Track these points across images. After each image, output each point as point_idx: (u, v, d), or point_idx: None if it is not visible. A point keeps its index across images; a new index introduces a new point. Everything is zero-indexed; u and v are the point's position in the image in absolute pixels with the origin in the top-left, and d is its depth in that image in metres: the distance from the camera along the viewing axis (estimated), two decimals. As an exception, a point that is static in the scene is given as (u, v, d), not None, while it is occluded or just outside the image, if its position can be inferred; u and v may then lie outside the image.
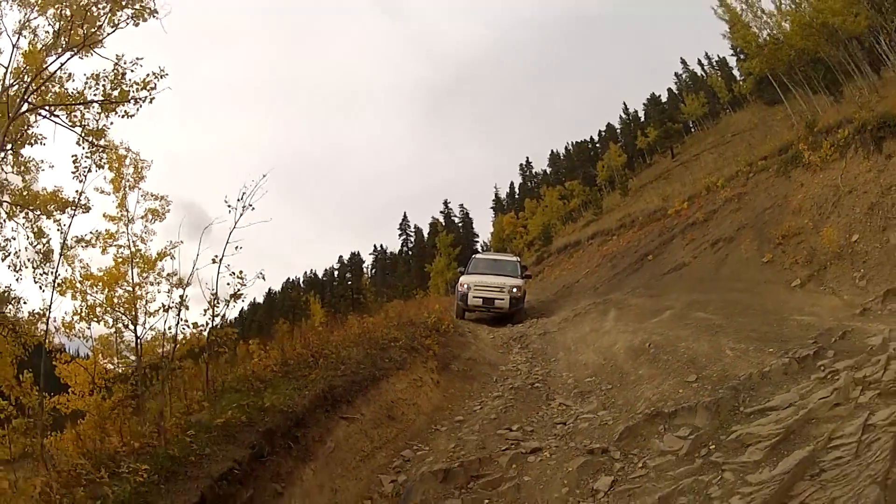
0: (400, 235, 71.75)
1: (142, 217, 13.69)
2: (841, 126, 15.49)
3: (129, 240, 13.55)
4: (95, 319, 12.51)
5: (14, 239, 10.03)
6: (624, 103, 67.88)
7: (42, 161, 10.12)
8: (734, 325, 9.54)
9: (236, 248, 6.70)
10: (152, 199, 13.70)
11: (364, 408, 7.12)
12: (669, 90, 60.87)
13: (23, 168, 9.98)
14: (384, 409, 7.50)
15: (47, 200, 10.12)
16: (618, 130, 63.23)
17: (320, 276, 78.43)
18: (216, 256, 6.68)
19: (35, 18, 8.46)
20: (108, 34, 7.71)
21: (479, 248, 61.92)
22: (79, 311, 12.14)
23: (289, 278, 79.67)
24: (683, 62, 60.84)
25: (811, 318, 8.88)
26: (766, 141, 24.84)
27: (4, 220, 9.86)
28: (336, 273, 76.81)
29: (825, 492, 4.32)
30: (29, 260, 10.20)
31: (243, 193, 6.90)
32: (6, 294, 10.72)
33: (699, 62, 58.66)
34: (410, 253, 69.49)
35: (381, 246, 76.75)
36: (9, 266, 9.90)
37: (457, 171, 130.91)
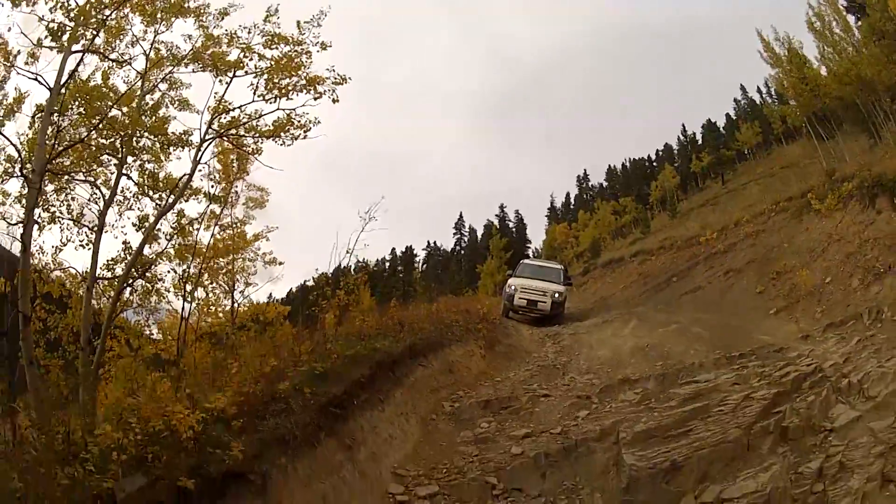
0: (454, 234, 74.48)
1: (243, 203, 17.08)
2: (853, 178, 17.98)
3: (231, 221, 16.95)
4: (200, 285, 15.71)
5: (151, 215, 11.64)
6: (683, 125, 68.95)
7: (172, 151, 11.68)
8: (713, 337, 12.51)
9: (365, 245, 10.16)
10: (255, 190, 17.12)
11: (434, 362, 10.57)
12: (728, 115, 62.19)
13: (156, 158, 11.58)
14: (446, 365, 10.95)
15: (171, 184, 11.70)
16: (675, 151, 65.10)
17: (372, 265, 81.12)
18: (349, 249, 10.19)
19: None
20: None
21: (531, 255, 64.32)
22: (185, 276, 15.23)
23: (339, 264, 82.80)
24: (743, 88, 61.94)
25: (768, 338, 11.78)
26: (798, 181, 27.13)
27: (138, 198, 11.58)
28: (388, 264, 79.93)
29: (706, 426, 7.47)
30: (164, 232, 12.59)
31: (368, 209, 10.36)
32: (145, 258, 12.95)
33: (758, 89, 58.89)
34: (463, 252, 72.34)
35: (435, 242, 79.46)
36: (144, 236, 11.54)
37: (515, 175, 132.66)
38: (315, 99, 9.80)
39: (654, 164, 66.10)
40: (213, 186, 14.66)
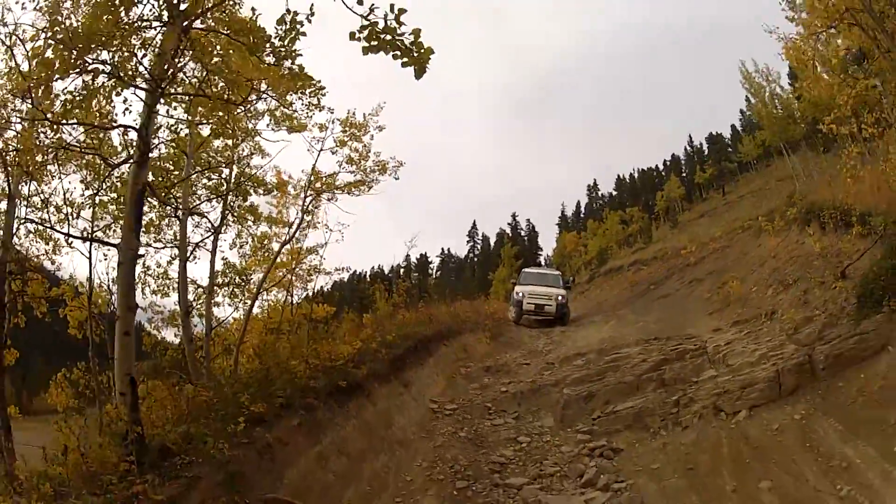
0: (468, 242, 80.00)
1: (297, 225, 22.64)
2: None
3: (288, 238, 22.52)
4: (266, 291, 21.27)
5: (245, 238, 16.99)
6: (689, 136, 73.32)
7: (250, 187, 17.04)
8: (658, 330, 18.26)
9: (417, 259, 16.02)
10: (308, 215, 22.81)
11: (453, 343, 16.61)
12: (732, 126, 66.82)
13: (242, 193, 16.61)
14: (461, 346, 17.01)
15: (257, 215, 17.02)
16: (682, 162, 70.24)
17: (386, 272, 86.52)
18: (398, 264, 16.13)
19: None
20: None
21: (542, 262, 69.18)
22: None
23: (355, 271, 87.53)
24: (748, 99, 65.41)
25: (692, 330, 17.29)
26: (774, 200, 31.97)
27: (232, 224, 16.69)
28: (402, 271, 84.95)
29: (615, 374, 13.35)
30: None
31: (411, 239, 16.29)
32: (245, 270, 18.22)
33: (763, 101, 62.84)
34: (476, 259, 77.68)
35: (449, 250, 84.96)
36: (239, 254, 16.78)
37: (528, 184, 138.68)
38: (380, 175, 15.69)
39: (662, 174, 70.87)
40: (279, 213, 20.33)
